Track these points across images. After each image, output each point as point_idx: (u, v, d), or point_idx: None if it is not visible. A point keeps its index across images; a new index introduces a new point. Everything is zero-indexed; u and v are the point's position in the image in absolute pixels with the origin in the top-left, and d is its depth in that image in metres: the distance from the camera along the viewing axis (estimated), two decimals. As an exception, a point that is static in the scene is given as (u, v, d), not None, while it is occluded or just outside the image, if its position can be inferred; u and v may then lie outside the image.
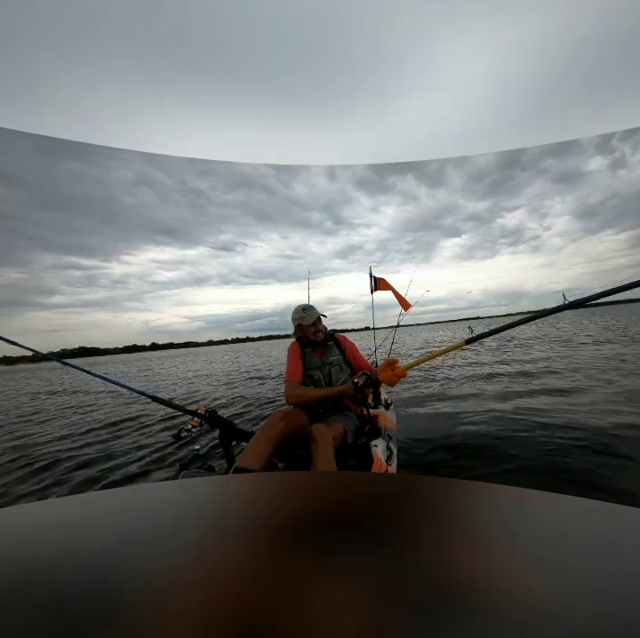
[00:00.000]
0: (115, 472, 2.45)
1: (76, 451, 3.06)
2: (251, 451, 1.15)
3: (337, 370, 1.65)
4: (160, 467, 2.47)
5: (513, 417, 2.92)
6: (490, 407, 3.27)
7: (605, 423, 2.52)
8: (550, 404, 3.16)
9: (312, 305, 1.70)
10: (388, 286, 3.26)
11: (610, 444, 2.14)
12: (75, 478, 2.41)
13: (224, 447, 1.39)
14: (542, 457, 2.08)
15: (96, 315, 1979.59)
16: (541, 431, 2.51)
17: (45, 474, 2.53)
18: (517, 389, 3.93)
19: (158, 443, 3.03)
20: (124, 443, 3.20)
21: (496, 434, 2.53)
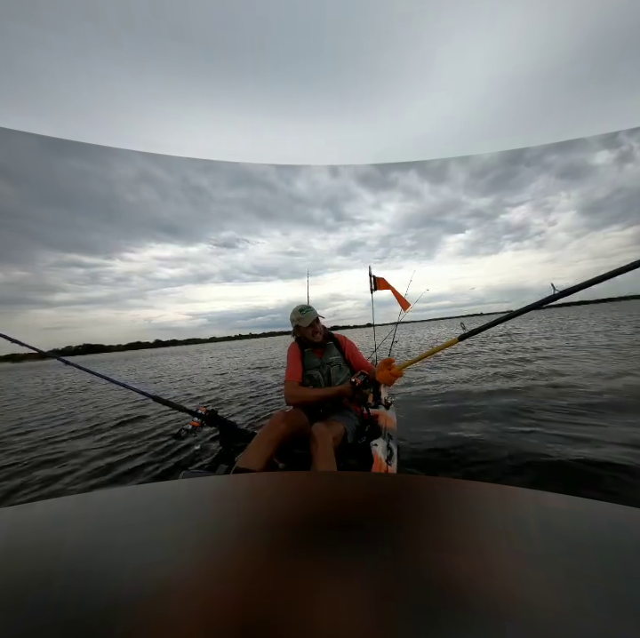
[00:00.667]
0: (115, 472, 2.46)
1: (76, 450, 3.07)
2: (252, 452, 1.16)
3: (336, 370, 1.65)
4: (160, 467, 2.48)
5: (514, 411, 2.92)
6: (496, 403, 3.28)
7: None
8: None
9: (310, 306, 1.69)
10: (387, 286, 3.29)
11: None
12: (75, 478, 2.42)
13: (224, 447, 1.39)
14: (547, 456, 2.08)
15: (99, 313, 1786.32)
16: (541, 428, 2.51)
17: (47, 473, 2.54)
18: (517, 385, 3.93)
19: (158, 443, 3.03)
20: (124, 443, 3.20)
21: (497, 433, 2.53)
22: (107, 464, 2.63)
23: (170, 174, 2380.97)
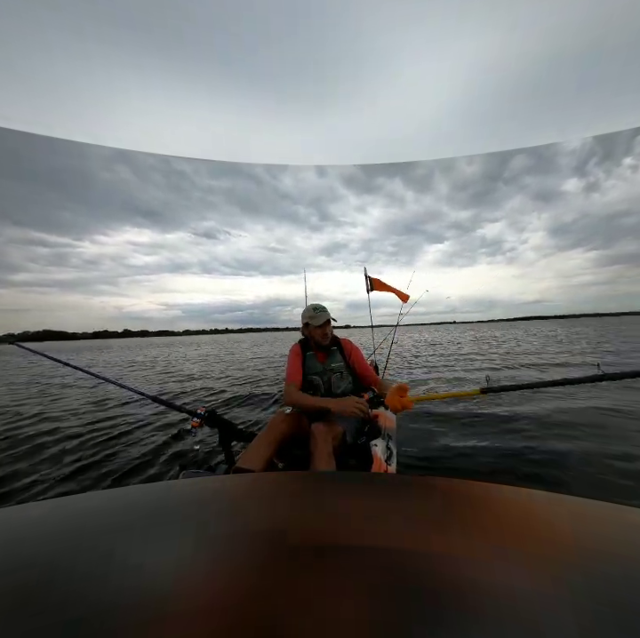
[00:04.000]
0: (114, 472, 2.45)
1: (76, 449, 3.06)
2: (252, 452, 1.15)
3: (337, 378, 1.62)
4: (160, 468, 2.48)
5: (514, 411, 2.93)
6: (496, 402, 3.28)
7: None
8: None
9: (324, 306, 1.64)
10: (383, 286, 3.26)
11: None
12: (74, 477, 2.41)
13: (224, 447, 1.39)
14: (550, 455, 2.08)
15: (66, 297, 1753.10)
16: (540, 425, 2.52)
17: (46, 473, 2.53)
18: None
19: (158, 444, 3.02)
20: (123, 444, 3.19)
21: (497, 432, 2.53)
22: (106, 464, 2.62)
23: (150, 155, 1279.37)
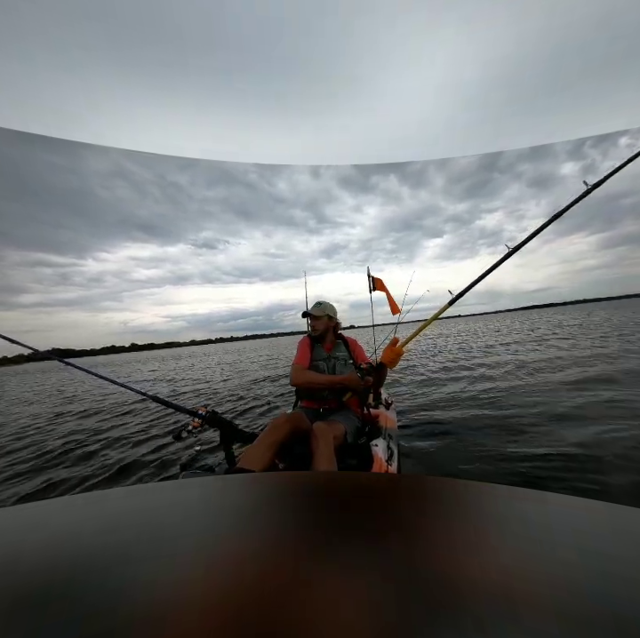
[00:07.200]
0: (114, 472, 2.46)
1: (77, 447, 3.07)
2: (253, 453, 1.15)
3: (341, 365, 1.75)
4: (160, 468, 2.48)
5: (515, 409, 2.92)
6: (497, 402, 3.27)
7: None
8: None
9: (322, 302, 1.84)
10: (383, 288, 3.29)
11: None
12: (74, 477, 2.42)
13: (225, 448, 1.39)
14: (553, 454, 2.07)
15: (71, 315, 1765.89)
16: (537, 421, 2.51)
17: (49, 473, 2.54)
18: (516, 383, 3.94)
19: (159, 444, 3.03)
20: (123, 444, 3.20)
21: (497, 432, 2.53)
22: (106, 464, 2.63)
23: (146, 170, 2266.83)
